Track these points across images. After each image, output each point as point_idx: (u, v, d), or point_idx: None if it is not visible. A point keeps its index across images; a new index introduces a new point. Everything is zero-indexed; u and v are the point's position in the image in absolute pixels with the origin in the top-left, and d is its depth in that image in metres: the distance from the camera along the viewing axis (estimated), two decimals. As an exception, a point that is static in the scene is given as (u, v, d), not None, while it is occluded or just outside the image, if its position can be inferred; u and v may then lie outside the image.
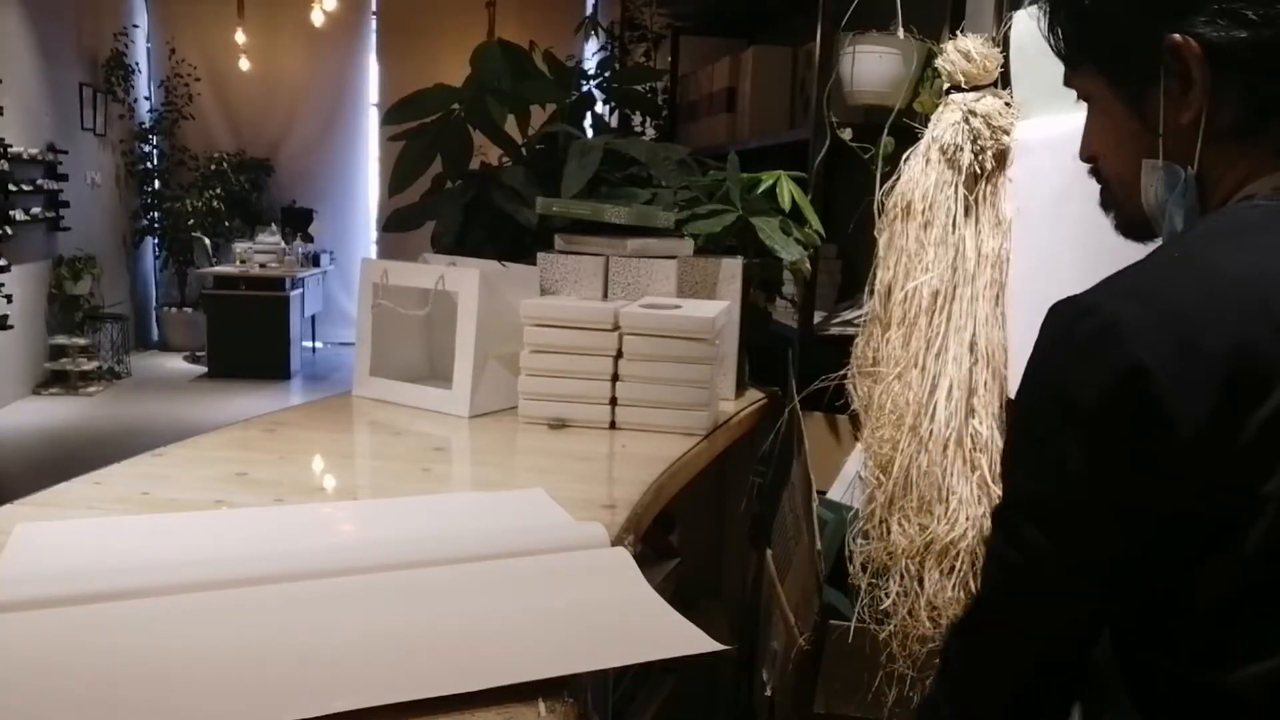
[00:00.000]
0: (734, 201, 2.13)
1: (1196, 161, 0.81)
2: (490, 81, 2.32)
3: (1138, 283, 0.75)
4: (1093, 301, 0.74)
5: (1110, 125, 0.87)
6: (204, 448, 1.54)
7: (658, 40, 4.74)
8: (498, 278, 1.83)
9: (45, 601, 0.93)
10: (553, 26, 6.82)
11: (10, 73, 6.34)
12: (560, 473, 1.43)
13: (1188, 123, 0.80)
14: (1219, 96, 0.78)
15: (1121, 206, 0.90)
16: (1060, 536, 0.76)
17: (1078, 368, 0.73)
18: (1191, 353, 0.69)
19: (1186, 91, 0.79)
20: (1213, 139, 0.80)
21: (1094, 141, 0.91)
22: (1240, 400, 0.68)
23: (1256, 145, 0.80)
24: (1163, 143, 0.82)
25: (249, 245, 7.91)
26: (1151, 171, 0.83)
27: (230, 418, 2.07)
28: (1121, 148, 0.87)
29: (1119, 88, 0.84)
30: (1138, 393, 0.70)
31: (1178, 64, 0.79)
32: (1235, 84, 0.78)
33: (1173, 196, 0.82)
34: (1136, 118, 0.83)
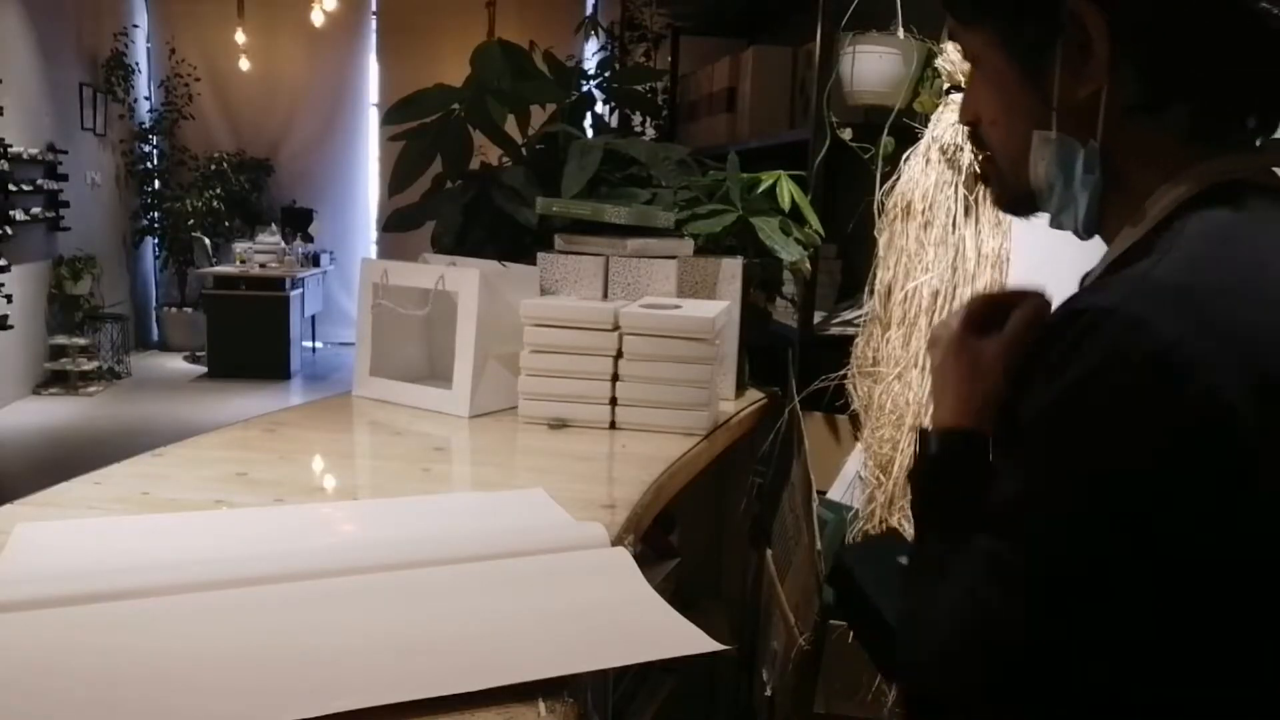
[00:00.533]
0: (734, 201, 2.13)
1: (1100, 135, 0.75)
2: (490, 81, 2.32)
3: (1188, 295, 0.66)
4: (1138, 315, 0.65)
5: (1000, 91, 0.80)
6: (204, 448, 1.54)
7: (658, 40, 4.74)
8: (498, 278, 1.83)
9: (45, 601, 0.93)
10: (553, 26, 6.82)
11: (10, 73, 6.34)
12: (560, 473, 1.43)
13: (1086, 97, 0.75)
14: (1121, 71, 0.73)
15: (1004, 178, 0.84)
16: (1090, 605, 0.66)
17: (1140, 400, 0.64)
18: (1271, 390, 0.62)
19: (1086, 62, 0.74)
20: (1116, 114, 0.74)
21: (980, 106, 0.83)
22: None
23: (1162, 123, 0.75)
24: (1057, 115, 0.77)
25: (249, 245, 7.92)
26: (1044, 144, 0.78)
27: (230, 418, 2.07)
28: (1011, 116, 0.80)
29: (1014, 52, 0.78)
30: (1222, 436, 0.62)
31: (1079, 32, 0.73)
32: (1139, 59, 0.73)
33: (1079, 174, 0.77)
34: (1030, 86, 0.77)
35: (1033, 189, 0.81)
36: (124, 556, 1.06)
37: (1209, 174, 0.74)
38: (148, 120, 8.72)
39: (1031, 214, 0.87)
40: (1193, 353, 0.62)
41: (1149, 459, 0.63)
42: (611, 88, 3.06)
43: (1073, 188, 0.78)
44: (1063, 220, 0.82)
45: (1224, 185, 0.73)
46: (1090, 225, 0.81)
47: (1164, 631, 0.65)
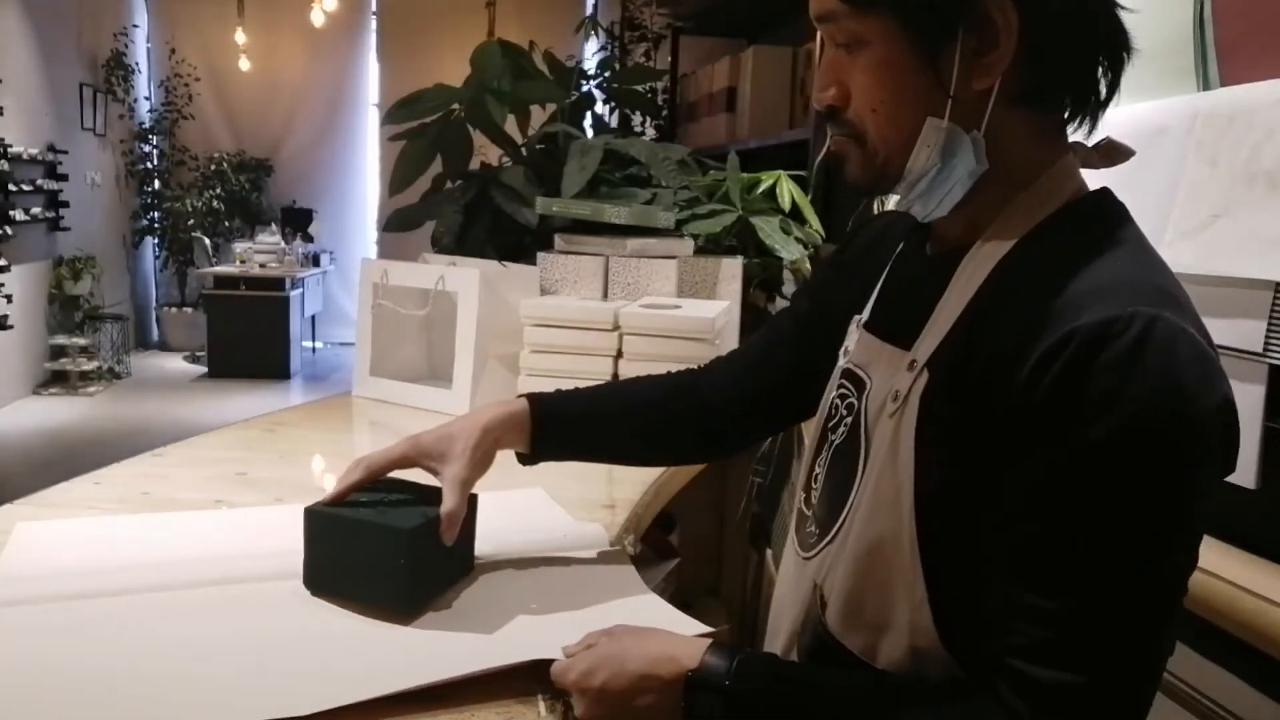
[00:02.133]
0: (734, 201, 2.13)
1: (985, 126, 0.78)
2: (490, 81, 2.32)
3: (1175, 297, 0.72)
4: (1178, 323, 0.69)
5: (891, 77, 0.79)
6: (204, 448, 1.54)
7: (658, 40, 4.74)
8: (498, 278, 1.83)
9: (40, 599, 0.93)
10: (553, 26, 6.83)
11: (10, 73, 6.34)
12: (560, 473, 1.42)
13: (982, 88, 0.77)
14: (1016, 64, 0.76)
15: (871, 161, 0.82)
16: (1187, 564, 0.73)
17: (1202, 398, 0.68)
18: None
19: (988, 54, 0.76)
20: (1003, 106, 0.77)
21: (856, 90, 0.81)
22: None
23: (1039, 118, 0.79)
24: (952, 104, 0.77)
25: (249, 245, 7.91)
26: (934, 132, 0.78)
27: (230, 418, 2.07)
28: (902, 103, 0.79)
29: (914, 40, 0.77)
30: (1231, 423, 0.71)
31: (984, 24, 0.75)
32: (1033, 54, 0.76)
33: (960, 164, 0.79)
34: (928, 74, 0.77)
35: (905, 173, 0.81)
36: (121, 556, 1.06)
37: (1068, 173, 0.80)
38: (148, 120, 8.72)
39: (886, 194, 0.88)
40: (1208, 345, 0.70)
41: (1227, 427, 0.70)
42: (611, 88, 3.07)
43: (952, 175, 0.80)
44: (920, 203, 0.83)
45: (1095, 193, 0.80)
46: (950, 210, 0.82)
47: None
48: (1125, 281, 0.71)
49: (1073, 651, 0.68)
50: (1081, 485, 0.68)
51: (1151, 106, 1.58)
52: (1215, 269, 1.37)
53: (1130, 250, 0.75)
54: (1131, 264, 0.74)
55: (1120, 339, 0.67)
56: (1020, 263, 0.78)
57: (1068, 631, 0.69)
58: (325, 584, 0.95)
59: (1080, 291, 0.71)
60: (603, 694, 0.82)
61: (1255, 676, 1.41)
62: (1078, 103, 0.80)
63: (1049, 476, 0.69)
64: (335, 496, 0.98)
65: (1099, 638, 0.68)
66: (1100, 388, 0.67)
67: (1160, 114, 1.54)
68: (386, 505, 0.96)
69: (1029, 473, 0.70)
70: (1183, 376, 0.67)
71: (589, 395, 1.13)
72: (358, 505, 0.96)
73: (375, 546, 0.92)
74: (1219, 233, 1.38)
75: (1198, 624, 1.46)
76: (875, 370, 0.87)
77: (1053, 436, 0.69)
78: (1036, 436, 0.70)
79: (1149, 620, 0.70)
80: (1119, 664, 0.69)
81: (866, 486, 0.82)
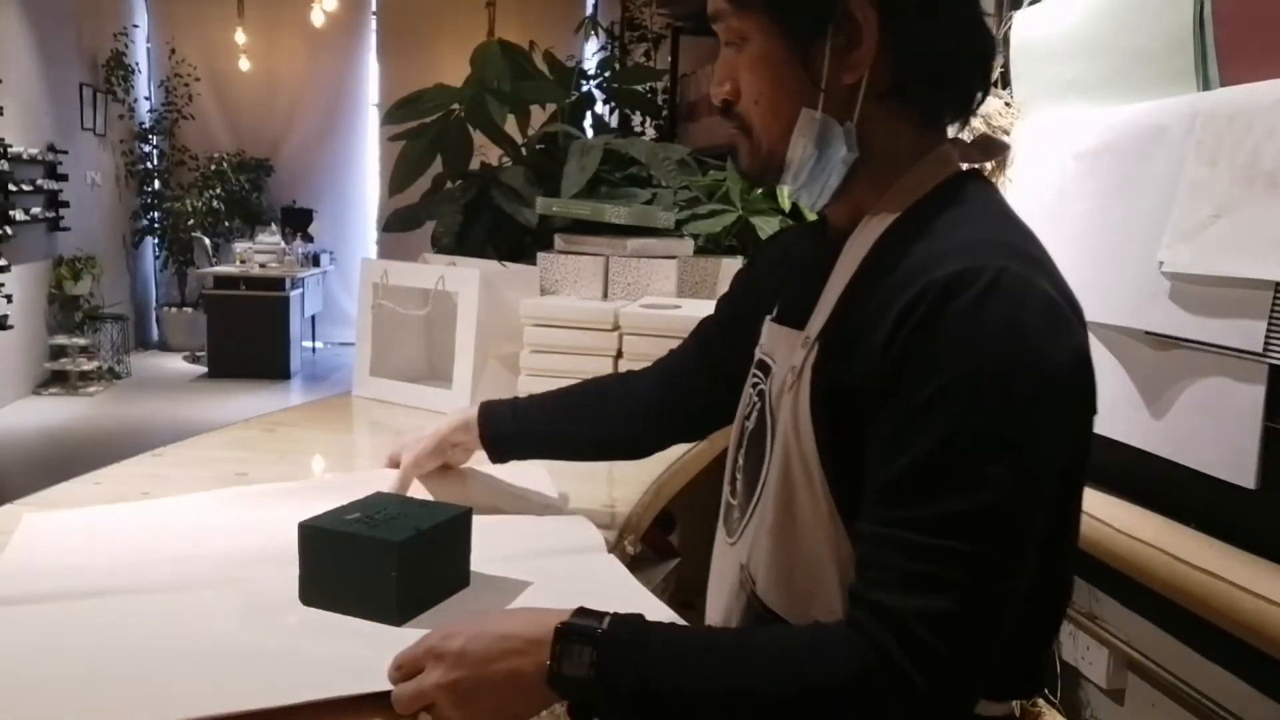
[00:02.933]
0: (734, 201, 2.13)
1: (856, 117, 0.84)
2: (490, 81, 2.32)
3: (1028, 254, 0.79)
4: (1025, 273, 0.75)
5: (768, 72, 0.86)
6: (204, 448, 1.54)
7: (658, 40, 4.75)
8: (498, 278, 1.83)
9: (43, 595, 0.94)
10: (553, 26, 6.82)
11: (10, 73, 6.34)
12: (559, 472, 1.43)
13: (851, 82, 0.83)
14: (880, 61, 0.82)
15: (757, 151, 0.89)
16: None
17: (1047, 345, 0.74)
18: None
19: (852, 51, 0.82)
20: (870, 99, 0.84)
21: (742, 84, 0.88)
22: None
23: (905, 111, 0.86)
24: (824, 98, 0.84)
25: (249, 245, 7.91)
26: (809, 123, 0.85)
27: (230, 418, 2.07)
28: (779, 96, 0.86)
29: (786, 38, 0.84)
30: (1082, 373, 0.78)
31: (849, 23, 0.81)
32: (895, 52, 0.82)
33: (838, 154, 0.85)
34: (801, 69, 0.84)
35: (787, 162, 0.88)
36: (124, 549, 1.07)
37: (943, 161, 0.86)
38: (148, 120, 8.72)
39: (777, 184, 0.93)
40: (1064, 301, 0.77)
41: (1076, 377, 0.76)
42: (611, 88, 3.07)
43: (828, 163, 0.86)
44: (805, 192, 0.90)
45: (965, 173, 0.87)
46: (833, 198, 0.89)
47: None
48: (979, 241, 0.77)
49: (928, 581, 0.72)
50: (930, 428, 0.73)
51: (1151, 106, 1.58)
52: (1215, 269, 1.37)
53: (990, 217, 0.82)
54: (989, 228, 0.80)
55: (969, 289, 0.73)
56: (895, 237, 0.83)
57: (924, 562, 0.72)
58: (319, 597, 0.95)
59: (938, 252, 0.77)
60: (462, 657, 0.78)
61: (1255, 676, 1.41)
62: (943, 99, 0.87)
63: (904, 420, 0.75)
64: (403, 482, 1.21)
65: (953, 569, 0.72)
66: (949, 334, 0.73)
67: (1160, 114, 1.54)
68: (379, 519, 0.98)
69: (887, 419, 0.76)
70: (1027, 324, 0.73)
71: (533, 398, 1.26)
72: (352, 520, 0.97)
73: (367, 559, 0.93)
74: (1219, 233, 1.38)
75: (1198, 624, 1.47)
76: (778, 354, 0.91)
77: (907, 384, 0.74)
78: (894, 386, 0.75)
79: (996, 552, 0.72)
80: (973, 595, 0.72)
81: (775, 462, 0.86)
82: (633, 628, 0.78)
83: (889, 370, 0.75)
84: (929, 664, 0.71)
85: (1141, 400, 1.56)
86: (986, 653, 0.74)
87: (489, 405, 1.25)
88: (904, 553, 0.73)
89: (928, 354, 0.73)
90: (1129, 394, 1.59)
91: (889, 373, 0.75)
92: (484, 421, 1.23)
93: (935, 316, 0.73)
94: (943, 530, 0.72)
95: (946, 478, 0.73)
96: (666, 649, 0.77)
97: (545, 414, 1.23)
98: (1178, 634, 1.57)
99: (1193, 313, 1.43)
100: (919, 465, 0.73)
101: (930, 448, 0.73)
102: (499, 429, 1.22)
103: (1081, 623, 1.79)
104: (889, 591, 0.73)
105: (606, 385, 1.26)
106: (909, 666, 0.71)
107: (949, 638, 0.71)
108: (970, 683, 0.76)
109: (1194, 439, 1.46)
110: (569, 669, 0.76)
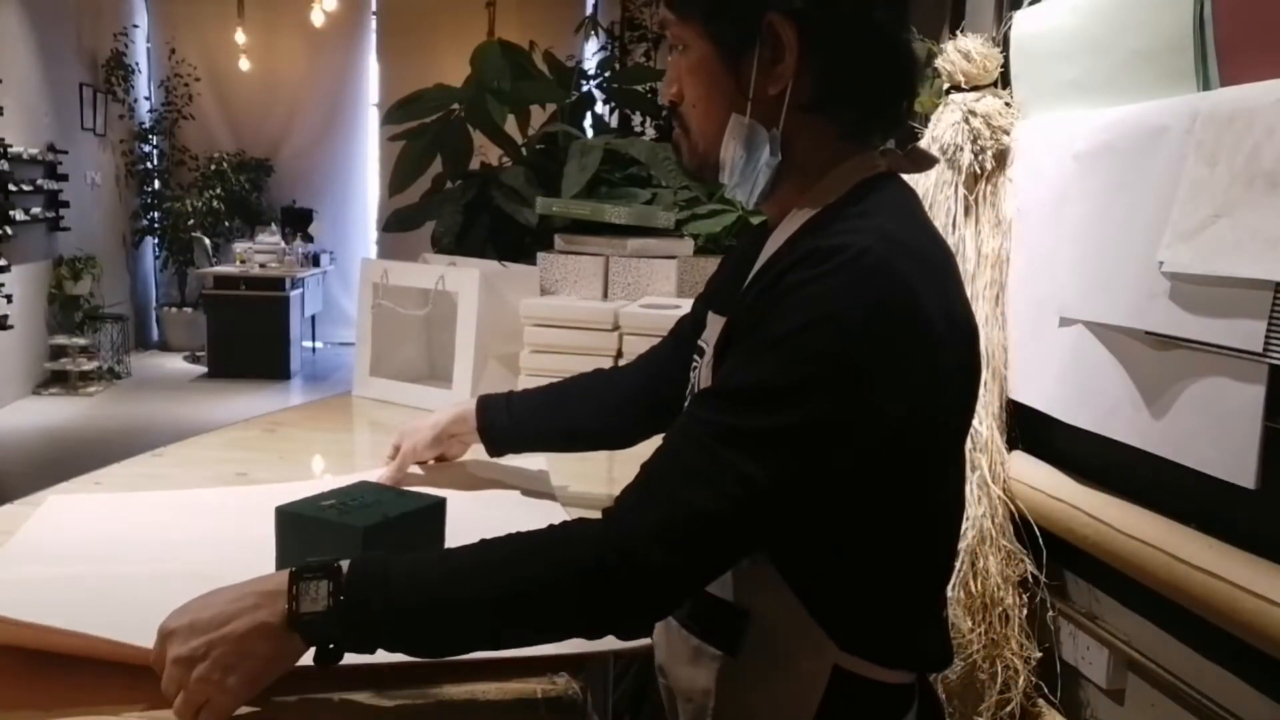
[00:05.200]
0: (733, 201, 2.13)
1: (781, 125, 0.91)
2: (490, 81, 2.32)
3: (905, 245, 0.84)
4: (886, 254, 0.81)
5: (704, 78, 0.93)
6: (204, 448, 1.54)
7: (658, 40, 4.74)
8: (498, 278, 1.83)
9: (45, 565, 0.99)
10: (553, 26, 6.82)
11: (10, 73, 6.34)
12: (560, 472, 1.43)
13: (775, 93, 0.90)
14: (802, 75, 0.89)
15: (695, 150, 0.97)
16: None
17: (892, 315, 0.81)
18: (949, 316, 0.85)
19: (777, 64, 0.89)
20: (795, 110, 0.90)
21: (683, 88, 0.96)
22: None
23: (828, 122, 0.92)
24: (751, 105, 0.91)
25: (249, 245, 7.90)
26: (738, 127, 0.92)
27: (230, 418, 2.07)
28: (712, 101, 0.93)
29: (719, 48, 0.91)
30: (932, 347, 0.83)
31: (772, 39, 0.88)
32: (815, 69, 0.89)
33: (763, 157, 0.91)
34: (731, 78, 0.91)
35: (719, 162, 0.95)
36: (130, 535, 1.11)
37: (864, 167, 0.92)
38: (148, 120, 8.72)
39: (714, 182, 1.00)
40: (919, 288, 0.82)
41: (898, 360, 0.81)
42: (611, 88, 3.07)
43: (756, 165, 0.93)
44: (739, 190, 0.96)
45: (882, 175, 0.93)
46: (763, 197, 0.95)
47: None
48: (867, 228, 0.83)
49: (638, 491, 0.83)
50: (761, 362, 0.81)
51: (1151, 106, 1.58)
52: (1215, 269, 1.37)
53: (889, 211, 0.88)
54: (883, 219, 0.86)
55: (831, 259, 0.80)
56: (805, 229, 0.90)
57: (700, 462, 0.80)
58: None
59: (831, 231, 0.85)
60: (193, 628, 0.77)
61: (1255, 676, 1.41)
62: (864, 113, 0.93)
63: (746, 352, 0.83)
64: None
65: (720, 476, 0.79)
66: (807, 289, 0.80)
67: (1160, 114, 1.54)
68: (353, 506, 1.01)
69: (736, 352, 0.85)
70: (863, 296, 0.79)
71: (527, 392, 1.33)
72: (327, 506, 1.00)
73: (336, 544, 0.96)
74: (1219, 233, 1.38)
75: (1198, 624, 1.46)
76: (709, 337, 0.99)
77: (763, 325, 0.82)
78: (753, 329, 0.83)
79: (763, 476, 0.79)
80: (721, 513, 0.79)
81: None
82: (373, 558, 0.81)
83: (754, 318, 0.84)
84: (645, 572, 0.79)
85: (1141, 400, 1.56)
86: (707, 567, 0.83)
87: (486, 399, 1.32)
88: (687, 445, 0.82)
89: (787, 303, 0.81)
90: (1129, 394, 1.59)
91: (753, 320, 0.84)
92: (481, 414, 1.31)
93: (804, 274, 0.81)
94: (728, 440, 0.79)
95: (755, 401, 0.80)
96: (408, 567, 0.80)
97: (538, 407, 1.30)
98: (1178, 634, 1.57)
99: (1193, 313, 1.43)
100: (737, 383, 0.82)
101: (755, 373, 0.81)
102: (494, 421, 1.30)
103: (1081, 623, 1.79)
104: (647, 492, 0.82)
105: (594, 380, 1.32)
106: (627, 574, 0.79)
107: (675, 548, 0.79)
108: (679, 592, 0.84)
109: (1194, 439, 1.45)
110: (307, 605, 0.77)
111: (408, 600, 0.78)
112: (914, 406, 0.82)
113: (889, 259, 0.81)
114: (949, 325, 0.84)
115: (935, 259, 0.87)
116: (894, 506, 0.87)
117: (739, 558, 0.85)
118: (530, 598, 0.80)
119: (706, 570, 0.84)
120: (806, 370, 0.79)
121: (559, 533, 0.83)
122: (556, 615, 0.81)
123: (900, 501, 0.87)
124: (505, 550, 0.82)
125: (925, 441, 0.86)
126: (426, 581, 0.80)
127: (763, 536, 0.84)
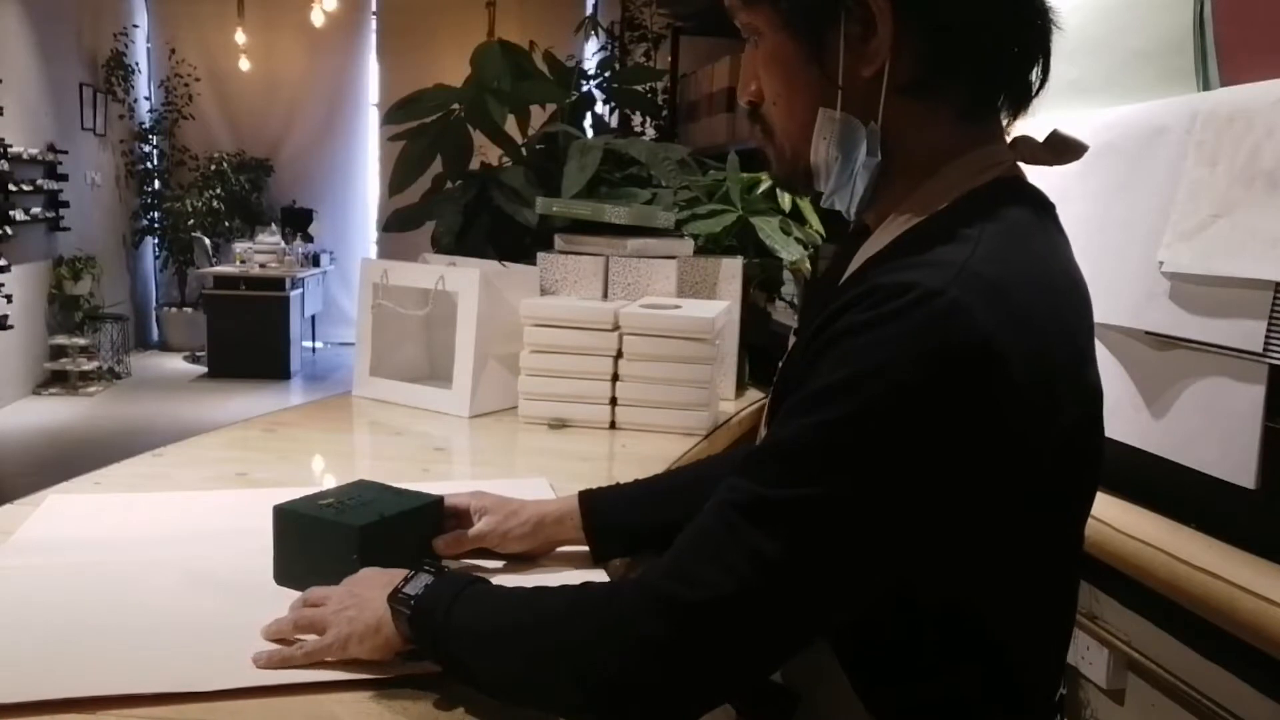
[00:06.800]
0: (734, 201, 2.13)
1: (880, 117, 0.75)
2: (490, 81, 2.32)
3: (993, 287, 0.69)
4: (961, 301, 0.68)
5: (783, 70, 0.79)
6: (204, 448, 1.54)
7: (658, 40, 4.74)
8: (498, 278, 1.83)
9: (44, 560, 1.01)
10: (553, 26, 6.82)
11: (10, 73, 6.33)
12: (560, 473, 1.43)
13: (870, 76, 0.75)
14: (902, 49, 0.73)
15: (782, 155, 0.83)
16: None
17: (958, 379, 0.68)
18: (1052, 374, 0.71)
19: (868, 41, 0.74)
20: (895, 95, 0.75)
21: (761, 84, 0.82)
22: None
23: (938, 105, 0.76)
24: (842, 95, 0.76)
25: (249, 245, 7.90)
26: (828, 123, 0.77)
27: (230, 418, 2.07)
28: (794, 94, 0.79)
29: (797, 31, 0.77)
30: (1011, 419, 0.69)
31: (860, 10, 0.73)
32: (918, 36, 0.73)
33: (860, 156, 0.77)
34: (814, 64, 0.76)
35: (812, 167, 0.81)
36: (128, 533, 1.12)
37: (983, 164, 0.76)
38: (148, 120, 8.72)
39: (808, 192, 0.86)
40: (1003, 344, 0.66)
41: (958, 430, 0.67)
42: (611, 88, 3.07)
43: (852, 168, 0.78)
44: (837, 199, 0.82)
45: (1004, 181, 0.77)
46: (864, 204, 0.80)
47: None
48: (946, 261, 0.69)
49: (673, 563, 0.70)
50: (804, 418, 0.68)
51: (1151, 106, 1.58)
52: (1215, 269, 1.37)
53: (992, 237, 0.72)
54: (981, 247, 0.70)
55: (890, 300, 0.66)
56: (891, 249, 0.76)
57: (726, 544, 0.68)
58: (290, 578, 0.99)
59: (903, 264, 0.70)
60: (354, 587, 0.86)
61: (1255, 676, 1.41)
62: (987, 85, 0.77)
63: (791, 408, 0.69)
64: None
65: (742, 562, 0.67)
66: (859, 338, 0.67)
67: (1160, 114, 1.54)
68: (349, 505, 1.01)
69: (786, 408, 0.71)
70: (923, 348, 0.65)
71: (637, 483, 1.14)
72: (324, 505, 1.00)
73: (332, 542, 0.96)
74: (1219, 232, 1.38)
75: (1198, 624, 1.46)
76: None
77: (812, 378, 0.69)
78: (804, 380, 0.70)
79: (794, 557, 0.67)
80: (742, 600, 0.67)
81: None
82: (468, 576, 0.83)
83: (805, 366, 0.71)
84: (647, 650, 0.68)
85: (1141, 400, 1.56)
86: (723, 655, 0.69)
87: (590, 495, 1.10)
88: (710, 513, 0.70)
89: (834, 353, 0.68)
90: (1129, 394, 1.59)
91: (804, 368, 0.71)
92: (587, 512, 1.09)
93: (857, 318, 0.68)
94: (750, 511, 0.68)
95: (781, 468, 0.68)
96: (477, 591, 0.80)
97: (646, 502, 1.11)
98: (1178, 634, 1.57)
99: (1193, 313, 1.43)
100: (769, 447, 0.70)
101: (789, 435, 0.69)
102: (605, 519, 1.09)
103: (1081, 623, 1.79)
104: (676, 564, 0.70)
105: (700, 470, 1.17)
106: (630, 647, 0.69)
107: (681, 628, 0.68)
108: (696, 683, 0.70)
109: (1194, 439, 1.45)
110: (410, 587, 0.80)
111: (460, 620, 0.78)
112: (982, 487, 0.68)
113: (966, 305, 0.65)
114: (1045, 393, 0.69)
115: (1041, 307, 0.70)
116: (965, 605, 0.72)
117: (774, 645, 0.70)
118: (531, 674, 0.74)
119: (725, 659, 0.69)
120: (842, 436, 0.66)
121: (616, 589, 0.75)
122: (556, 693, 0.73)
123: (973, 601, 0.72)
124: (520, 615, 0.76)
125: (997, 531, 0.71)
126: (479, 613, 0.78)
127: (800, 623, 0.69)
